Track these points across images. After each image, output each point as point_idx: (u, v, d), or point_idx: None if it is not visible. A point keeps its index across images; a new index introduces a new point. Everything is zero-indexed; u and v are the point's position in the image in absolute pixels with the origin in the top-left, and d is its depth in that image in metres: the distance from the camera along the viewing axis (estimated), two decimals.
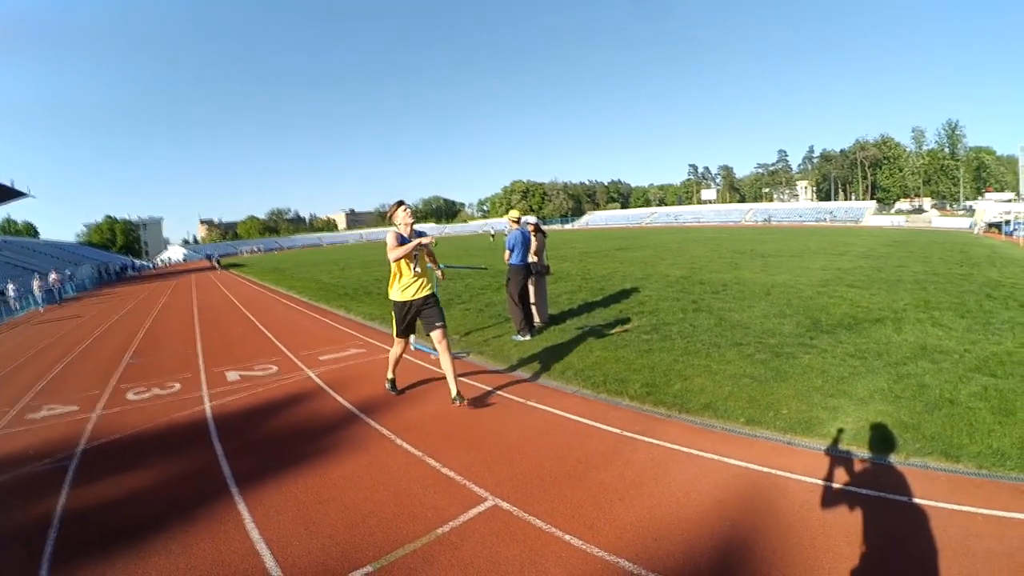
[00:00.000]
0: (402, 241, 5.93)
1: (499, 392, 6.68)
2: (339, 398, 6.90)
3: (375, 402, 6.58)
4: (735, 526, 3.61)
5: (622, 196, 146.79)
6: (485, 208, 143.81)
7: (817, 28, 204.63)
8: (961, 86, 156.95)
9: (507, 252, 9.39)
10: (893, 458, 4.74)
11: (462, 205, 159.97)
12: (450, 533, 3.57)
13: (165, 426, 6.59)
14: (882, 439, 5.07)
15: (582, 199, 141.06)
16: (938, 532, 3.62)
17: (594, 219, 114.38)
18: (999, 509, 3.90)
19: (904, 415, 5.48)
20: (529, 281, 9.58)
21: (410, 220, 6.07)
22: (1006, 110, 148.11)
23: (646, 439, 4.99)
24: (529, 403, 6.15)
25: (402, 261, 5.96)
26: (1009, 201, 67.69)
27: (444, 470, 4.52)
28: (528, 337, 9.13)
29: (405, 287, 6.08)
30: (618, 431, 5.16)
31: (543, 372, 7.28)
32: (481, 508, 3.83)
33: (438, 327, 6.07)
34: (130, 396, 8.00)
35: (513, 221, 9.58)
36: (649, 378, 6.59)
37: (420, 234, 6.00)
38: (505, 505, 3.87)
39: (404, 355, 7.08)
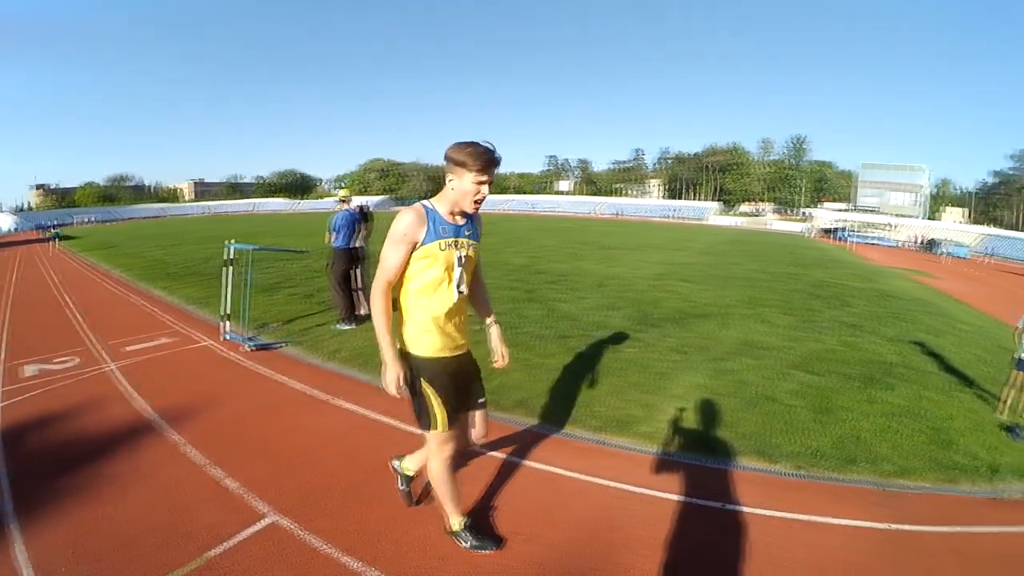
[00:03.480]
0: (436, 227, 2.99)
1: (305, 388, 6.45)
2: (133, 397, 6.37)
3: (169, 403, 6.09)
4: (529, 541, 3.58)
5: None
6: (342, 184, 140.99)
7: (679, 44, 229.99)
8: (811, 107, 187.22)
9: (331, 234, 9.29)
10: (706, 459, 4.80)
11: (318, 181, 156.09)
12: (220, 556, 3.43)
13: None
14: (696, 438, 5.15)
15: (441, 182, 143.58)
16: (749, 540, 3.67)
17: None
18: (814, 514, 4.05)
19: (721, 413, 5.66)
20: (353, 267, 9.26)
21: (485, 193, 3.02)
22: (848, 131, 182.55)
23: None
24: (334, 401, 6.05)
25: (436, 264, 2.99)
26: (843, 210, 78.60)
27: (227, 481, 4.33)
28: (351, 326, 8.98)
29: (442, 326, 3.07)
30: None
31: (357, 365, 7.15)
32: (258, 527, 3.72)
33: (482, 404, 3.47)
34: None
35: (341, 201, 9.53)
36: None
37: (470, 220, 3.19)
38: (285, 523, 3.76)
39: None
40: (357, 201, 10.05)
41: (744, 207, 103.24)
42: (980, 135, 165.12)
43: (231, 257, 8.32)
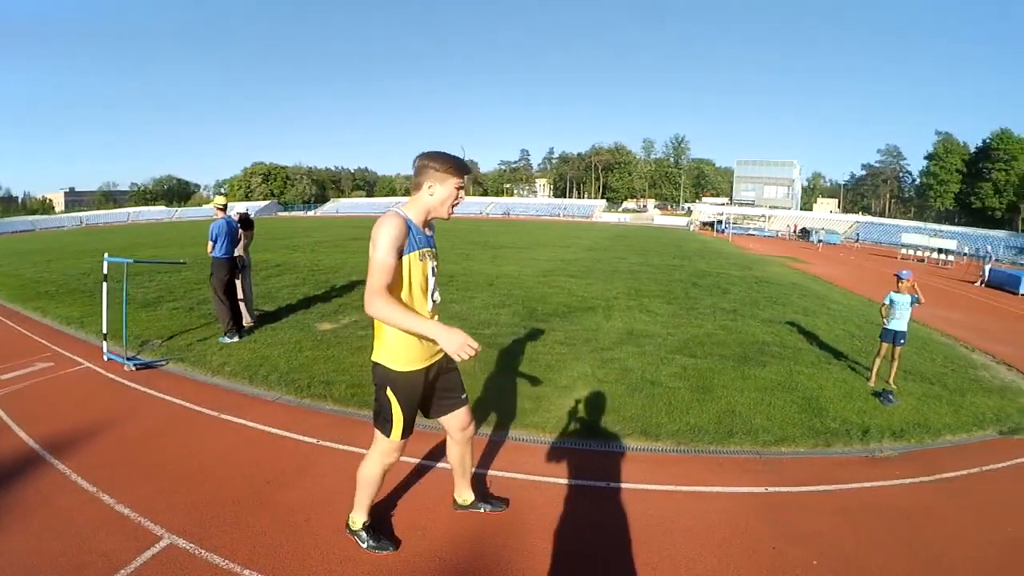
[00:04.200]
0: (415, 238, 3.05)
1: (192, 405, 6.20)
2: (12, 428, 5.94)
3: (51, 431, 5.72)
4: (426, 536, 3.67)
5: (368, 184, 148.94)
6: (223, 190, 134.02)
7: (562, 46, 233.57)
8: (690, 107, 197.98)
9: (210, 243, 8.83)
10: (593, 443, 4.99)
11: (197, 187, 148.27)
12: None
13: None
14: (583, 425, 5.34)
15: (327, 185, 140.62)
16: (636, 514, 3.89)
17: (339, 207, 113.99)
18: (697, 485, 4.34)
19: (606, 399, 5.89)
20: (234, 277, 8.89)
21: (447, 214, 3.18)
22: (725, 131, 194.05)
23: (342, 447, 5.05)
24: (223, 416, 5.88)
25: (416, 281, 3.09)
26: (722, 205, 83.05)
27: (119, 507, 4.16)
28: (236, 339, 8.57)
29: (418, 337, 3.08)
30: (314, 441, 5.21)
31: (246, 378, 6.95)
32: (156, 549, 3.63)
33: (464, 400, 3.57)
34: None
35: (219, 208, 9.08)
36: (356, 378, 6.67)
37: (432, 231, 3.34)
38: (182, 543, 3.68)
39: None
40: (239, 208, 9.64)
41: (629, 204, 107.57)
42: (850, 132, 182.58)
43: (107, 272, 7.82)
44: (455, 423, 3.47)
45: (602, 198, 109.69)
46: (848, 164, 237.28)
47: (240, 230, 9.14)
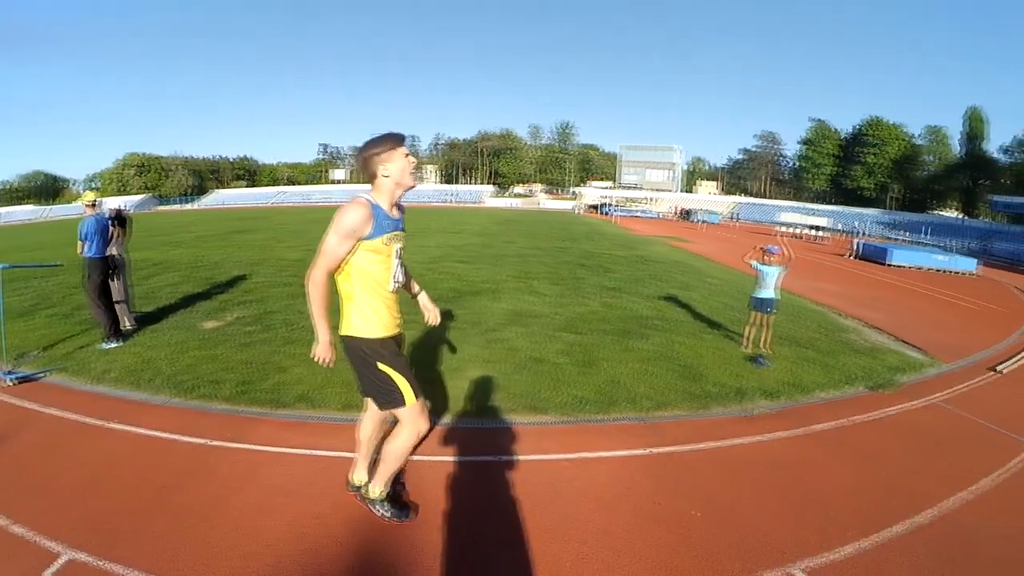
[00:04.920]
0: (380, 223, 3.26)
1: (77, 416, 5.91)
2: None
3: None
4: (319, 519, 3.76)
5: (250, 174, 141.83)
6: (95, 185, 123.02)
7: (448, 31, 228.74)
8: (575, 95, 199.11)
9: (80, 243, 8.27)
10: (482, 421, 5.16)
11: (67, 182, 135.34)
12: None
13: None
14: (472, 404, 5.48)
15: (206, 176, 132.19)
16: (530, 483, 4.08)
17: (223, 198, 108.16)
18: (584, 451, 4.59)
19: (493, 378, 6.05)
20: (110, 278, 8.37)
21: (413, 181, 3.39)
22: (610, 117, 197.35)
23: (234, 445, 5.02)
24: (110, 425, 5.66)
25: (380, 257, 3.31)
26: (608, 188, 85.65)
27: (13, 528, 3.99)
28: (118, 343, 8.03)
29: (387, 309, 3.43)
30: (205, 442, 5.16)
31: (130, 384, 6.64)
32: (55, 567, 3.51)
33: None
34: None
35: (88, 205, 8.52)
36: (245, 375, 6.57)
37: (401, 214, 3.54)
38: (82, 557, 3.58)
39: None
40: (112, 203, 9.11)
41: (518, 188, 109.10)
42: (729, 119, 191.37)
43: None
44: None
45: (492, 183, 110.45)
46: (727, 149, 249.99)
47: (113, 227, 8.68)
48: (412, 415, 3.37)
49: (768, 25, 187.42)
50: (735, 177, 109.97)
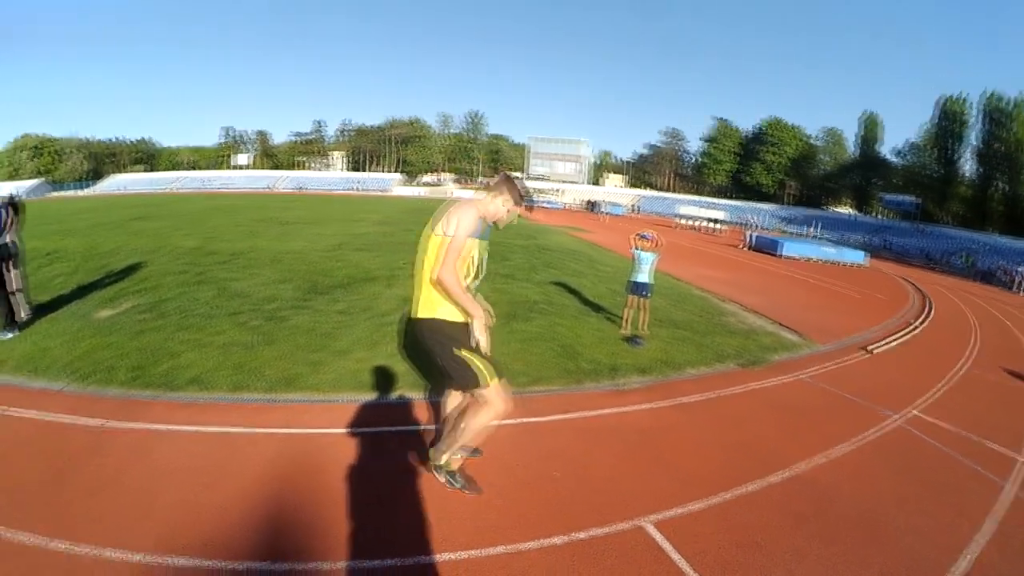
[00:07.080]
0: (482, 232, 4.03)
1: None
2: None
3: None
4: (208, 488, 4.03)
5: (149, 157, 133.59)
6: None
7: (351, 22, 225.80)
8: (488, 84, 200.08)
9: None
10: (366, 397, 5.51)
11: None
12: None
13: None
14: (357, 382, 5.80)
15: (103, 160, 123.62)
16: (414, 452, 4.47)
17: (124, 183, 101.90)
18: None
19: (379, 359, 6.38)
20: (4, 267, 8.05)
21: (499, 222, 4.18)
22: (520, 108, 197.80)
23: (129, 425, 5.21)
24: (10, 412, 5.67)
25: (472, 261, 3.99)
26: (516, 178, 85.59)
27: None
28: (14, 333, 7.76)
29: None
30: (102, 423, 5.31)
31: (28, 372, 6.64)
32: None
33: None
34: None
35: None
36: (138, 361, 6.66)
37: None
38: None
39: None
40: (4, 189, 8.78)
41: (426, 178, 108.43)
42: (635, 115, 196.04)
43: None
44: None
45: (399, 172, 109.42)
46: (634, 144, 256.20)
47: (7, 215, 8.41)
48: (492, 395, 3.80)
49: (676, 25, 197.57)
50: (640, 171, 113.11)
